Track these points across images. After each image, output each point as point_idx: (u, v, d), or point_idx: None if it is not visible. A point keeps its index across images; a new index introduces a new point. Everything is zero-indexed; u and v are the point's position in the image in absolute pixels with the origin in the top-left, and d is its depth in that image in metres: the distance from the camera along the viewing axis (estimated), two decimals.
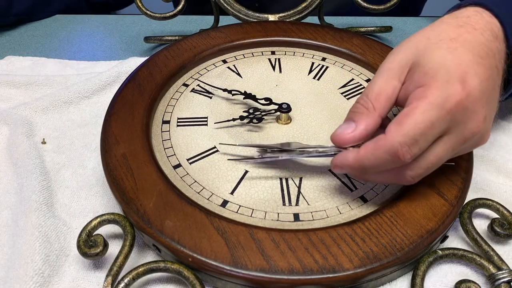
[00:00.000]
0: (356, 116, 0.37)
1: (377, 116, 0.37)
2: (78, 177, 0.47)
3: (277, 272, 0.34)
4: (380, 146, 0.34)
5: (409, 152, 0.34)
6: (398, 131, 0.34)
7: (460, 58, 0.35)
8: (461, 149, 0.37)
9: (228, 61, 0.56)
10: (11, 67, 0.62)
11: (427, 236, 0.36)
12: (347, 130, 0.37)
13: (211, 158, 0.45)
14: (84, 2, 0.81)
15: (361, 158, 0.36)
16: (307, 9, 0.63)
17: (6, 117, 0.52)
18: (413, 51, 0.37)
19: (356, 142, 0.37)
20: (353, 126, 0.37)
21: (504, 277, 0.36)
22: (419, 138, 0.34)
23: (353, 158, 0.36)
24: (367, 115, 0.37)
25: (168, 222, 0.37)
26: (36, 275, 0.37)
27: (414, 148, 0.34)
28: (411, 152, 0.34)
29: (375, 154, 0.35)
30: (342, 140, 0.37)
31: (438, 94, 0.34)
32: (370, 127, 0.37)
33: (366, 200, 0.41)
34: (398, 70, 0.37)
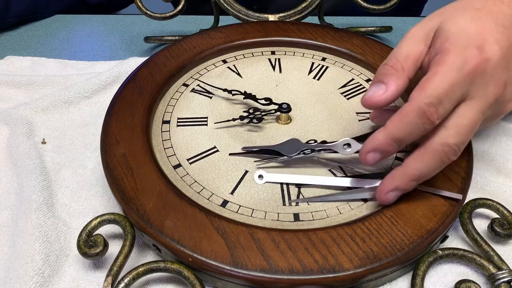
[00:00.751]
0: (385, 78, 0.37)
1: (406, 78, 0.37)
2: (78, 177, 0.47)
3: (277, 272, 0.34)
4: (408, 112, 0.35)
5: (436, 111, 0.34)
6: (422, 94, 0.35)
7: (482, 26, 0.36)
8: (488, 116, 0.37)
9: (228, 61, 0.56)
10: (11, 67, 0.62)
11: (427, 236, 0.36)
12: (378, 92, 0.37)
13: (211, 158, 0.45)
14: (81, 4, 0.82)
15: (391, 131, 0.36)
16: (307, 9, 0.63)
17: (6, 117, 0.52)
18: (439, 18, 0.38)
19: (388, 103, 0.37)
20: (383, 87, 0.37)
21: (504, 277, 0.36)
22: (443, 99, 0.34)
23: (383, 135, 0.36)
24: (397, 76, 0.37)
25: (168, 222, 0.37)
26: (36, 275, 0.37)
27: (440, 108, 0.35)
28: (438, 112, 0.35)
29: (404, 121, 0.35)
30: (375, 103, 0.37)
31: (455, 59, 0.35)
32: (401, 88, 0.37)
33: (366, 200, 0.41)
34: (424, 34, 0.38)
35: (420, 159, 0.36)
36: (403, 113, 0.35)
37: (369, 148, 0.37)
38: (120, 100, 0.48)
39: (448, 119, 0.36)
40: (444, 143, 0.35)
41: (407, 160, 0.37)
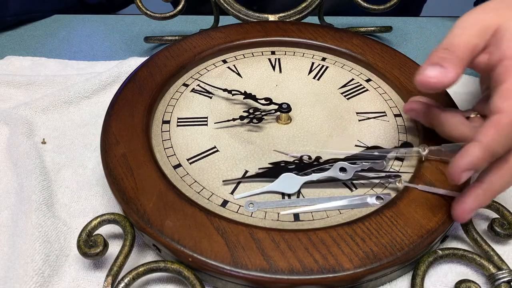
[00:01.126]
0: (445, 62, 0.35)
1: (463, 68, 0.36)
2: (78, 177, 0.47)
3: (277, 272, 0.34)
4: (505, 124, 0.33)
5: None
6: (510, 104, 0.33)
7: None
8: None
9: (228, 61, 0.56)
10: (11, 67, 0.62)
11: (427, 236, 0.36)
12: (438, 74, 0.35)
13: (211, 158, 0.45)
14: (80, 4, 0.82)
15: (489, 145, 0.34)
16: (307, 9, 0.63)
17: (6, 117, 0.52)
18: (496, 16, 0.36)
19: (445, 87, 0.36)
20: (442, 70, 0.35)
21: (504, 277, 0.36)
22: None
23: (480, 149, 0.34)
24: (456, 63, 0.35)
25: (168, 222, 0.37)
26: (36, 275, 0.37)
27: None
28: None
29: (502, 134, 0.34)
30: (434, 84, 0.35)
31: None
32: (458, 77, 0.35)
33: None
34: (481, 29, 0.36)
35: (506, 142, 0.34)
36: (500, 124, 0.34)
37: (466, 165, 0.34)
38: (120, 100, 0.48)
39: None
40: None
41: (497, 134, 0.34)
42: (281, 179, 0.42)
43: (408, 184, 0.40)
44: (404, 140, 0.46)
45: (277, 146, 0.46)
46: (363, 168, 0.42)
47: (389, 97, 0.51)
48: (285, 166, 0.43)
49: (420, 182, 0.40)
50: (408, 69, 0.52)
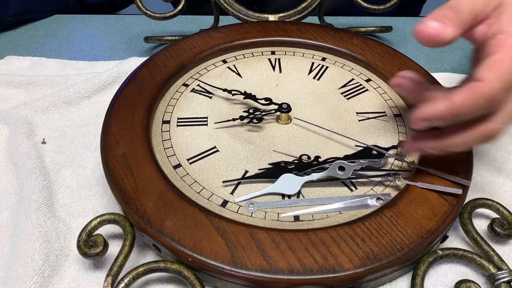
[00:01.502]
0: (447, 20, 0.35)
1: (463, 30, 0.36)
2: (78, 177, 0.47)
3: (277, 272, 0.34)
4: (481, 93, 0.34)
5: (503, 98, 0.34)
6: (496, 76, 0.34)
7: None
8: None
9: (228, 61, 0.56)
10: (11, 67, 0.62)
11: (427, 236, 0.36)
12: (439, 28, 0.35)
13: (211, 158, 0.45)
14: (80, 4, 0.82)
15: (457, 106, 0.35)
16: (307, 9, 0.63)
17: (6, 117, 0.52)
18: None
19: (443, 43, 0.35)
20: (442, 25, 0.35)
21: (504, 277, 0.36)
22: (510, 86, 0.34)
23: (446, 107, 0.35)
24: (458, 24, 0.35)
25: (168, 222, 0.37)
26: (36, 275, 0.37)
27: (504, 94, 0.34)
28: (503, 99, 0.35)
29: (474, 101, 0.34)
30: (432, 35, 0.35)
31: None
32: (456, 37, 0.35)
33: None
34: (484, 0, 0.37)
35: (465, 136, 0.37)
36: (477, 92, 0.34)
37: (426, 116, 0.36)
38: (120, 100, 0.48)
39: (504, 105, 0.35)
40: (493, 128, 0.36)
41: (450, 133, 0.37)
42: (281, 180, 0.42)
43: (408, 182, 0.40)
44: (404, 140, 0.46)
45: (277, 146, 0.46)
46: (362, 166, 0.42)
47: (389, 97, 0.51)
48: (285, 166, 0.43)
49: (420, 180, 0.40)
50: (408, 69, 0.52)
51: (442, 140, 0.38)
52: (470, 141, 0.37)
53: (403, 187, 0.41)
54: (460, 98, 0.35)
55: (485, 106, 0.35)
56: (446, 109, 0.35)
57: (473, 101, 0.34)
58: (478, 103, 0.34)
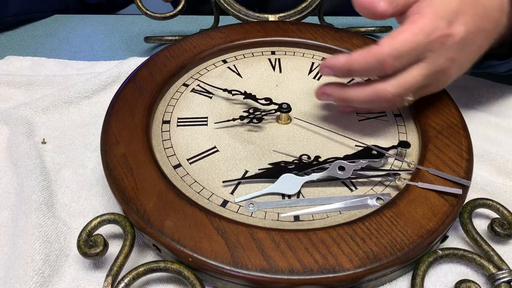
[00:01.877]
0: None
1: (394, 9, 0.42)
2: (78, 177, 0.47)
3: (277, 272, 0.34)
4: (372, 53, 0.40)
5: (392, 64, 0.40)
6: (390, 43, 0.40)
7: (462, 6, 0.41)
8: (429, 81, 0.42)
9: (228, 61, 0.56)
10: (11, 67, 0.62)
11: (427, 236, 0.36)
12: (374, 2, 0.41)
13: (211, 158, 0.45)
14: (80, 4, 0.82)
15: (351, 60, 0.41)
16: (307, 9, 0.63)
17: (6, 117, 0.52)
18: None
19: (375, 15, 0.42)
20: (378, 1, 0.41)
21: (504, 277, 0.36)
22: (404, 55, 0.40)
23: (344, 60, 0.41)
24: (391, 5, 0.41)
25: (168, 222, 0.37)
26: (36, 275, 0.37)
27: (397, 62, 0.40)
28: (394, 65, 0.40)
29: (366, 58, 0.40)
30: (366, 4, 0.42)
31: (430, 24, 0.40)
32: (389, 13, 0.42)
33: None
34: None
35: (361, 90, 0.43)
36: (369, 51, 0.40)
37: (328, 64, 0.43)
38: (120, 100, 0.48)
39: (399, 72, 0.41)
40: (384, 88, 0.42)
41: (353, 85, 0.44)
42: (281, 180, 0.42)
43: (408, 182, 0.40)
44: (404, 139, 0.46)
45: (277, 146, 0.46)
46: (362, 166, 0.42)
47: None
48: (285, 166, 0.43)
49: (420, 180, 0.40)
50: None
51: (343, 89, 0.44)
52: (364, 96, 0.43)
53: (403, 187, 0.41)
54: (357, 55, 0.41)
55: (376, 66, 0.40)
56: (344, 61, 0.41)
57: (366, 59, 0.40)
58: (369, 61, 0.40)
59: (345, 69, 0.42)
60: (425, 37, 0.40)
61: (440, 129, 0.45)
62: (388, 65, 0.40)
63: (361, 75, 0.43)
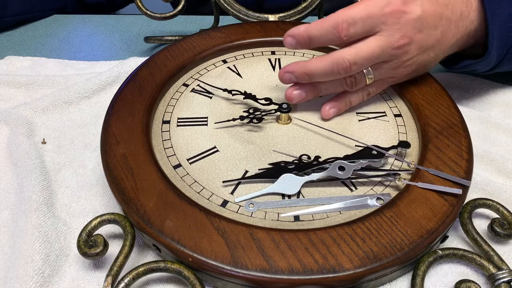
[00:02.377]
0: None
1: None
2: (78, 177, 0.47)
3: (277, 272, 0.34)
4: (327, 19, 0.44)
5: (346, 29, 0.43)
6: (344, 11, 0.43)
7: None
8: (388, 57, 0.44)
9: (228, 61, 0.56)
10: (11, 67, 0.62)
11: (427, 236, 0.36)
12: None
13: (211, 158, 0.45)
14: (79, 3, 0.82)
15: (310, 28, 0.44)
16: (307, 9, 0.63)
17: (6, 117, 0.52)
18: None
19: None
20: None
21: (504, 277, 0.36)
22: (357, 21, 0.43)
23: (304, 28, 0.45)
24: None
25: (168, 222, 0.37)
26: (36, 275, 0.37)
27: (351, 28, 0.43)
28: (348, 30, 0.43)
29: (321, 25, 0.44)
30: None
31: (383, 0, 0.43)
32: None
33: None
34: None
35: (320, 60, 0.45)
36: (324, 19, 0.44)
37: (290, 33, 0.45)
38: (120, 100, 0.48)
39: (355, 42, 0.44)
40: (341, 56, 0.44)
41: (312, 59, 0.46)
42: (281, 180, 0.42)
43: (408, 182, 0.40)
44: (404, 139, 0.46)
45: (277, 146, 0.46)
46: (362, 166, 0.42)
47: (389, 97, 0.51)
48: (285, 166, 0.43)
49: (420, 180, 0.40)
50: None
51: (303, 63, 0.46)
52: (323, 65, 0.45)
53: (403, 187, 0.41)
54: (314, 23, 0.44)
55: (332, 32, 0.43)
56: (304, 29, 0.45)
57: (322, 25, 0.44)
58: (325, 27, 0.43)
59: (305, 36, 0.44)
60: (378, 10, 0.42)
61: (440, 129, 0.45)
62: (342, 29, 0.42)
63: (320, 44, 0.45)
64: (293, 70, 0.47)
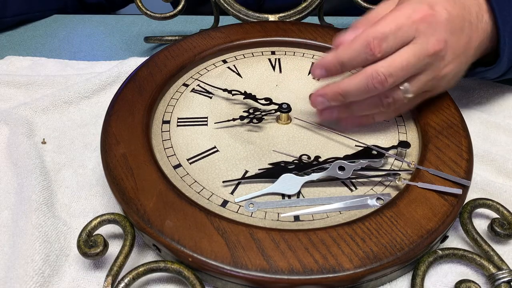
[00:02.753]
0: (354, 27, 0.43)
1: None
2: (78, 177, 0.47)
3: (277, 272, 0.34)
4: (356, 40, 0.41)
5: (379, 45, 0.40)
6: (372, 29, 0.41)
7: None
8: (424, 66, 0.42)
9: (228, 61, 0.56)
10: (11, 67, 0.62)
11: (427, 236, 0.36)
12: (346, 36, 0.43)
13: (211, 158, 0.45)
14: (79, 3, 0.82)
15: (339, 54, 0.42)
16: (307, 9, 0.63)
17: (6, 117, 0.52)
18: None
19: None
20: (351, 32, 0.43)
21: (504, 277, 0.36)
22: (388, 36, 0.40)
23: (332, 55, 0.42)
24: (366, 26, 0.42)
25: (168, 222, 0.37)
26: (36, 275, 0.37)
27: (383, 43, 0.40)
28: (381, 46, 0.40)
29: (351, 46, 0.41)
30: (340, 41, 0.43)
31: (409, 7, 0.41)
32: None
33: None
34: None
35: (353, 77, 0.42)
36: (352, 41, 0.41)
37: (318, 65, 0.44)
38: (120, 100, 0.48)
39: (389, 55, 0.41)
40: (375, 69, 0.41)
41: (344, 78, 0.43)
42: (281, 180, 0.42)
43: (408, 182, 0.40)
44: (404, 139, 0.46)
45: (277, 146, 0.46)
46: (362, 166, 0.42)
47: None
48: (285, 166, 0.43)
49: (420, 180, 0.40)
50: None
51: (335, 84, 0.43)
52: (356, 82, 0.42)
53: (403, 187, 0.41)
54: (342, 48, 0.42)
55: (364, 51, 0.41)
56: (332, 56, 0.42)
57: (352, 46, 0.41)
58: (356, 48, 0.41)
59: (336, 62, 0.42)
60: (406, 18, 0.40)
61: (440, 129, 0.45)
62: (374, 47, 0.40)
63: (353, 67, 0.42)
64: (325, 92, 0.44)
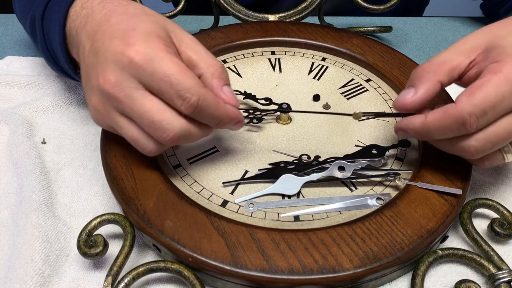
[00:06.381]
0: (416, 81, 0.38)
1: (437, 81, 0.38)
2: (78, 177, 0.47)
3: (277, 272, 0.34)
4: (450, 115, 0.35)
5: (476, 122, 0.35)
6: (469, 101, 0.34)
7: None
8: None
9: (228, 61, 0.56)
10: (11, 67, 0.62)
11: (427, 236, 0.36)
12: (407, 96, 0.38)
13: (211, 158, 0.45)
14: None
15: (428, 124, 0.37)
16: (307, 9, 0.63)
17: (6, 117, 0.52)
18: (488, 35, 0.38)
19: (416, 107, 0.38)
20: (412, 91, 0.38)
21: (504, 277, 0.36)
22: (488, 110, 0.34)
23: (420, 123, 0.38)
24: (427, 79, 0.38)
25: (168, 222, 0.37)
26: (36, 275, 0.37)
27: (482, 120, 0.35)
28: (478, 123, 0.35)
29: (443, 121, 0.36)
30: (403, 105, 0.39)
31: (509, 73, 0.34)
32: (430, 92, 0.38)
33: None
34: (469, 48, 0.38)
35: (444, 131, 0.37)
36: (446, 113, 0.36)
37: (403, 127, 0.39)
38: None
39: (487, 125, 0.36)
40: (468, 144, 0.36)
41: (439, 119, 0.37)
42: (281, 180, 0.42)
43: (408, 182, 0.40)
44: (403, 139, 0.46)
45: (277, 146, 0.46)
46: (362, 166, 0.42)
47: (389, 97, 0.51)
48: (285, 166, 0.43)
49: (420, 180, 0.40)
50: (408, 69, 0.52)
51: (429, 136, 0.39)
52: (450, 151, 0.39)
53: (403, 187, 0.41)
54: (432, 117, 0.37)
55: (456, 127, 0.36)
56: (419, 125, 0.38)
57: (444, 121, 0.36)
58: (447, 124, 0.36)
59: (423, 132, 0.38)
60: (510, 86, 0.34)
61: None
62: (471, 125, 0.35)
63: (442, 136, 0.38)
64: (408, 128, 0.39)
